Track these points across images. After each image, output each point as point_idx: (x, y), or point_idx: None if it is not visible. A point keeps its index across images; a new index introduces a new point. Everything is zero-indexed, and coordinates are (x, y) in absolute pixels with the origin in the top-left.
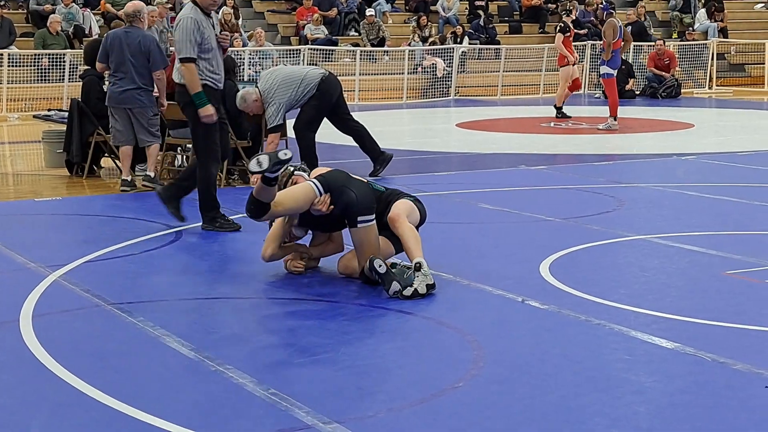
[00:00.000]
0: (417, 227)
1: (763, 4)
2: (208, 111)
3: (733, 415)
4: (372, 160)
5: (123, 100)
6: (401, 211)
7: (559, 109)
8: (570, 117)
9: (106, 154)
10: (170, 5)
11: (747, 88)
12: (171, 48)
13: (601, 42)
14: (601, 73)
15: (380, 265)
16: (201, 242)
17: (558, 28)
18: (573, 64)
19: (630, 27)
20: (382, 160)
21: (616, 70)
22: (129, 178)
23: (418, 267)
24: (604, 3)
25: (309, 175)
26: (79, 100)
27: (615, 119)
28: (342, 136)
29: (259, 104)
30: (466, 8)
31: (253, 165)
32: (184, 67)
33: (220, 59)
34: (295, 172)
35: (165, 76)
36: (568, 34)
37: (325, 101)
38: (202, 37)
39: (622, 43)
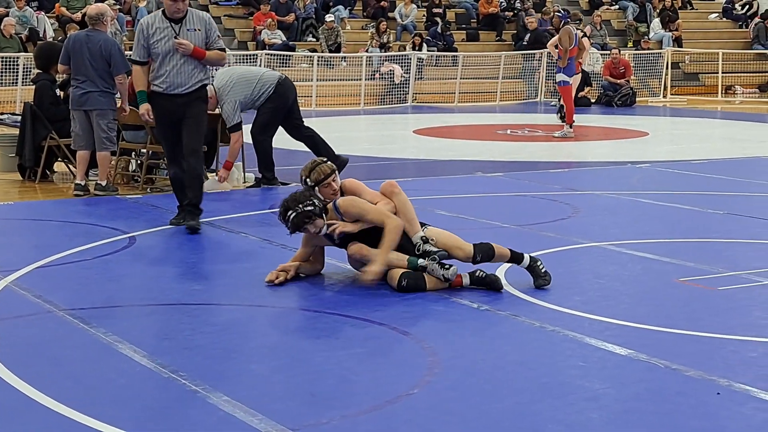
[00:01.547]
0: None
1: (717, 14)
2: (142, 109)
3: (686, 422)
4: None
5: (83, 102)
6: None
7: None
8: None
9: (59, 159)
10: (118, 6)
11: (701, 97)
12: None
13: (558, 50)
14: (557, 80)
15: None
16: (155, 248)
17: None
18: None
19: (529, 34)
20: (338, 165)
21: (572, 78)
22: (83, 183)
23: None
24: (560, 12)
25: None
26: (32, 104)
27: (571, 127)
28: (297, 142)
29: (214, 101)
30: (424, 15)
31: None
32: (133, 69)
33: (178, 65)
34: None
35: (126, 80)
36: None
37: (281, 104)
38: (147, 42)
39: (578, 51)
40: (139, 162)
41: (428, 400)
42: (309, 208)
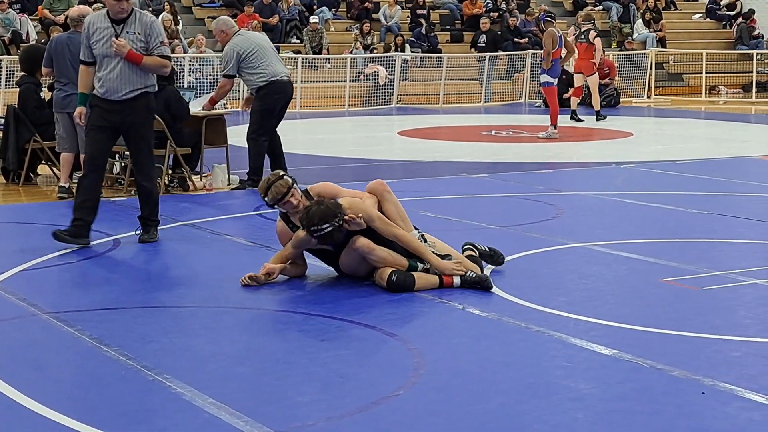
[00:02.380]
0: None
1: (700, 15)
2: (78, 111)
3: (671, 422)
4: (251, 174)
5: (66, 105)
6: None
7: (597, 113)
8: (582, 120)
9: (42, 162)
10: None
11: (685, 98)
12: None
13: (542, 51)
14: (541, 82)
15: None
16: (139, 251)
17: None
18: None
19: (484, 36)
20: (255, 181)
21: (557, 79)
22: (67, 185)
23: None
24: (543, 13)
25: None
26: (16, 106)
27: (555, 128)
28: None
29: (222, 38)
30: (408, 17)
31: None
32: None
33: (116, 68)
34: (294, 185)
35: None
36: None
37: (270, 105)
38: (89, 42)
39: (563, 52)
40: (123, 165)
41: (414, 401)
42: (327, 228)
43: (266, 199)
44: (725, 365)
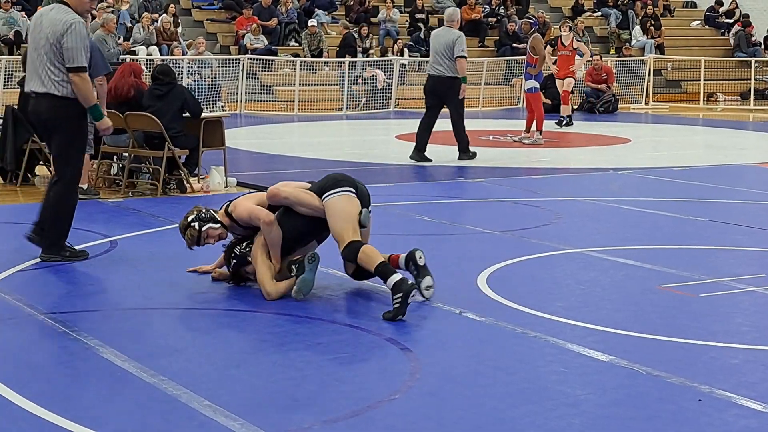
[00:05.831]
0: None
1: (699, 22)
2: (107, 123)
3: (667, 428)
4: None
5: None
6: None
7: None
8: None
9: (40, 162)
10: (111, 8)
11: (683, 104)
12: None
13: (526, 57)
14: (527, 87)
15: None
16: (136, 252)
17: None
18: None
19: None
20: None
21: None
22: (85, 186)
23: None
24: (531, 19)
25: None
26: (14, 107)
27: (540, 133)
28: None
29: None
30: (407, 21)
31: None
32: (80, 77)
33: None
34: (202, 229)
35: (105, 82)
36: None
37: None
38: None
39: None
40: (120, 166)
41: (409, 405)
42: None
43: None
44: (723, 372)
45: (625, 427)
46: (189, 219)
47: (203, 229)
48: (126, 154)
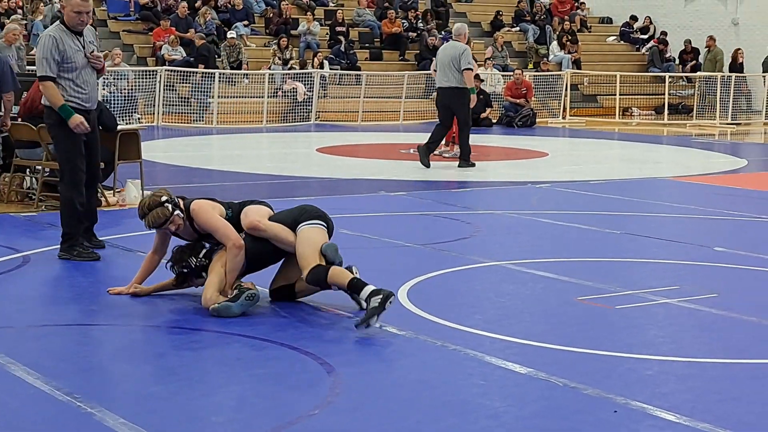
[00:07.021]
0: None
1: (614, 37)
2: (76, 120)
3: None
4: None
5: None
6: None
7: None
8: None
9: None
10: (25, 22)
11: (599, 119)
12: (29, 66)
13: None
14: None
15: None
16: (50, 268)
17: None
18: None
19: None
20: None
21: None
22: None
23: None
24: (443, 33)
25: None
26: None
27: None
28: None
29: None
30: (327, 33)
31: None
32: (42, 86)
33: (90, 79)
34: (173, 214)
35: (13, 97)
36: None
37: None
38: (62, 56)
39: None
40: (34, 179)
41: (330, 420)
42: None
43: (144, 222)
44: (638, 384)
45: None
46: (162, 198)
47: (175, 213)
48: (39, 168)
